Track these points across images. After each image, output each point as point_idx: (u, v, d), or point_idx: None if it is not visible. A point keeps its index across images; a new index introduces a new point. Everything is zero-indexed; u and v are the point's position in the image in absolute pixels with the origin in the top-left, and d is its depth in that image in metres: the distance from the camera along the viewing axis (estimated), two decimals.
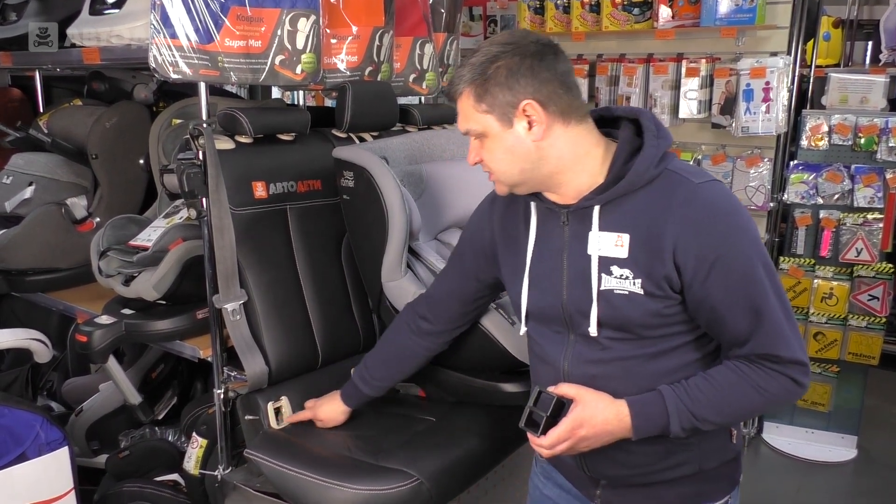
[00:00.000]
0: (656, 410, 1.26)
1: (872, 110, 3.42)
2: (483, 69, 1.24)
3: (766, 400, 1.26)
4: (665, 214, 1.21)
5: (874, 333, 3.36)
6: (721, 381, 1.26)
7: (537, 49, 1.23)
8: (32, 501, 1.85)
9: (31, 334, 2.12)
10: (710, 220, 1.20)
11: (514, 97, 1.23)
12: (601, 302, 1.27)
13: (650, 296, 1.24)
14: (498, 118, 1.25)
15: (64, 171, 2.53)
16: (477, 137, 1.30)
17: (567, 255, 1.32)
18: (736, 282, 1.20)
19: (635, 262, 1.24)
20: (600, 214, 1.27)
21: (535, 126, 1.24)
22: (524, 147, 1.26)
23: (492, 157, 1.30)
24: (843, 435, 3.55)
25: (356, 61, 2.12)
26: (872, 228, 3.27)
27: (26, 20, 2.31)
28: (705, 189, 1.22)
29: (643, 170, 1.23)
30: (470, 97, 1.26)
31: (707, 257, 1.19)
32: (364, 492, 1.55)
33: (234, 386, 1.86)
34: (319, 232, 1.99)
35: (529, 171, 1.29)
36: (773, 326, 1.22)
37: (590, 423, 1.26)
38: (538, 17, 3.82)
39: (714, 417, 1.26)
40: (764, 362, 1.24)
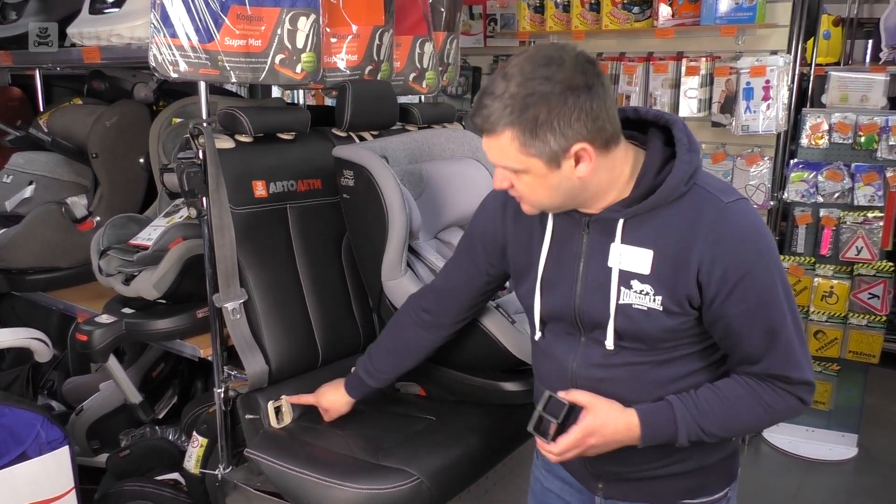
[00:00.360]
0: (665, 422, 1.26)
1: (872, 109, 3.42)
2: (532, 112, 1.13)
3: (772, 417, 1.28)
4: (692, 233, 1.20)
5: (874, 332, 3.36)
6: (730, 396, 1.26)
7: (585, 81, 1.13)
8: (33, 500, 1.85)
9: (32, 333, 2.12)
10: (737, 241, 1.19)
11: (566, 142, 1.15)
12: (619, 315, 1.26)
13: (668, 313, 1.23)
14: (546, 161, 1.17)
15: (64, 170, 2.53)
16: (512, 171, 1.23)
17: (584, 263, 1.30)
18: (756, 303, 1.20)
19: (658, 278, 1.22)
20: (624, 227, 1.25)
21: (583, 164, 1.18)
22: (569, 183, 1.21)
23: (531, 190, 1.23)
24: (843, 433, 3.55)
25: (356, 60, 2.12)
26: (872, 227, 3.27)
27: (26, 19, 2.31)
28: (734, 209, 1.20)
29: (674, 185, 1.21)
30: (514, 141, 1.16)
31: (730, 278, 1.19)
32: (364, 491, 1.55)
33: (235, 385, 1.86)
34: (319, 231, 1.99)
35: (570, 199, 1.25)
36: (787, 348, 1.23)
37: (600, 432, 1.27)
38: (538, 16, 3.82)
39: (720, 431, 1.27)
40: (775, 381, 1.25)
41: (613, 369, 1.31)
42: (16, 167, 2.52)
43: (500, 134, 1.17)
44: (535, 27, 3.83)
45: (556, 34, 3.79)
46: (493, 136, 1.18)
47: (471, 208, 2.15)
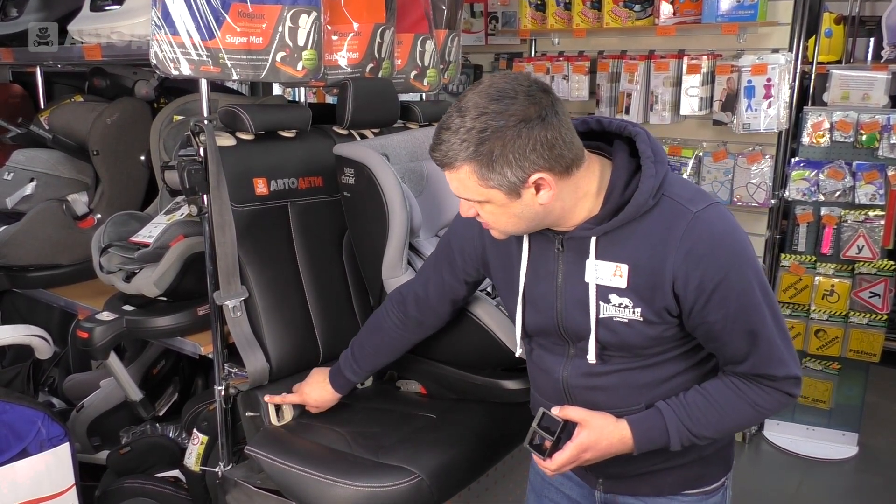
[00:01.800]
0: (657, 431, 1.29)
1: (874, 107, 3.41)
2: (488, 146, 1.14)
3: (760, 414, 1.30)
4: (665, 246, 1.20)
5: (875, 330, 3.36)
6: (718, 399, 1.28)
7: (539, 112, 1.14)
8: (34, 497, 1.85)
9: (33, 331, 2.12)
10: (710, 250, 1.19)
11: (524, 173, 1.16)
12: (600, 328, 1.28)
13: (649, 323, 1.25)
14: (505, 192, 1.19)
15: (65, 167, 2.53)
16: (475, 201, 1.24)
17: (563, 279, 1.32)
18: (734, 308, 1.21)
19: (635, 291, 1.24)
20: (597, 243, 1.26)
21: (543, 192, 1.19)
22: (531, 211, 1.22)
23: (494, 219, 1.26)
24: (843, 432, 3.55)
25: (357, 58, 2.12)
26: (874, 225, 3.27)
27: (27, 16, 2.31)
28: (703, 217, 1.21)
29: (642, 201, 1.21)
30: (472, 175, 1.18)
31: (707, 287, 1.20)
32: (365, 489, 1.55)
33: (235, 382, 1.86)
34: (320, 229, 1.99)
35: (537, 223, 1.26)
36: (769, 347, 1.24)
37: (594, 447, 1.29)
38: (539, 14, 3.81)
39: (711, 433, 1.30)
40: (761, 380, 1.27)
41: (603, 377, 1.33)
42: (17, 164, 2.52)
43: (458, 168, 1.18)
44: (536, 25, 3.83)
45: (557, 32, 3.79)
46: (453, 170, 1.19)
47: None
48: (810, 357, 3.52)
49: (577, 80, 3.75)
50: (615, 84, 3.67)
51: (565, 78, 3.78)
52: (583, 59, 3.73)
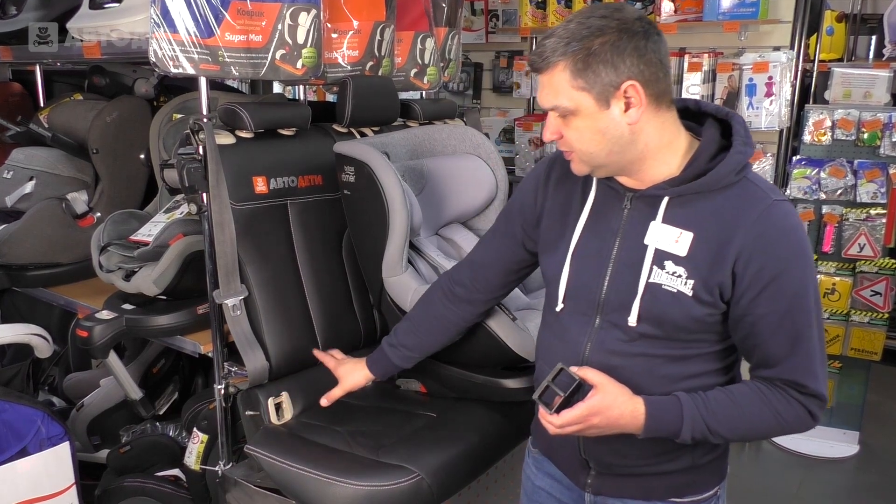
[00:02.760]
0: (671, 416, 1.24)
1: (876, 105, 3.41)
2: (586, 43, 1.15)
3: (780, 426, 1.26)
4: (737, 223, 1.19)
5: (877, 329, 3.35)
6: (740, 400, 1.25)
7: (643, 28, 1.17)
8: (34, 497, 1.85)
9: (32, 329, 2.12)
10: (778, 239, 1.19)
11: (617, 77, 1.16)
12: (646, 294, 1.25)
13: (697, 300, 1.22)
14: (595, 97, 1.18)
15: (64, 165, 2.52)
16: (562, 115, 1.22)
17: (620, 239, 1.29)
18: (785, 305, 1.20)
19: (693, 262, 1.21)
20: (667, 206, 1.24)
21: (633, 109, 1.19)
22: (618, 129, 1.20)
23: (579, 136, 1.22)
24: (845, 431, 3.54)
25: (357, 56, 2.11)
26: (875, 224, 3.26)
27: (26, 14, 2.30)
28: (780, 207, 1.21)
29: (725, 173, 1.21)
30: (566, 71, 1.17)
31: (765, 275, 1.18)
32: (364, 488, 1.55)
33: (235, 381, 1.86)
34: (320, 227, 1.98)
35: (616, 153, 1.23)
36: (808, 356, 1.22)
37: (605, 413, 1.24)
38: (540, 12, 3.81)
39: (726, 433, 1.26)
40: (788, 389, 1.24)
41: (628, 359, 1.29)
42: (16, 163, 2.52)
43: (553, 67, 1.18)
44: (536, 23, 3.82)
45: None
46: (546, 71, 1.19)
47: (472, 204, 2.16)
48: None
49: None
50: None
51: None
52: None
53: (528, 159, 3.93)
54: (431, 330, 1.66)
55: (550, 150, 3.85)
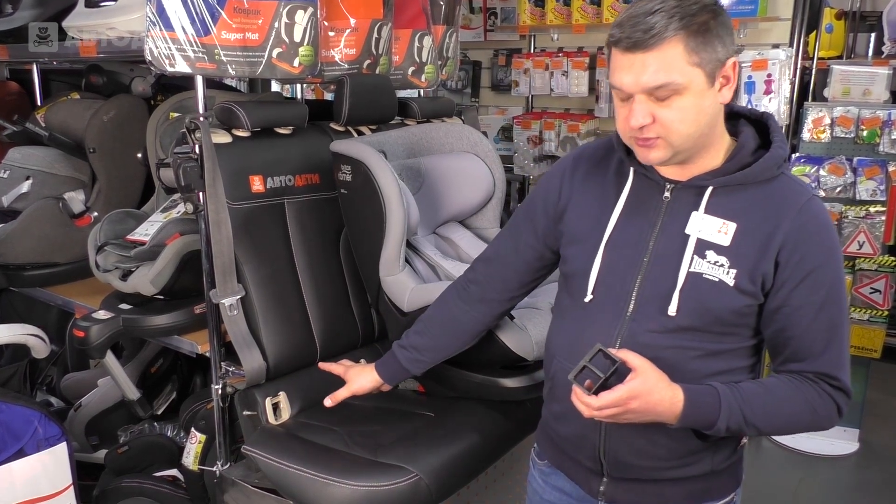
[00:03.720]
0: (709, 404, 1.22)
1: (875, 102, 3.40)
2: (702, 18, 1.14)
3: (814, 420, 1.26)
4: (780, 213, 1.21)
5: (876, 327, 3.35)
6: (777, 392, 1.24)
7: (717, 7, 1.18)
8: (31, 497, 1.84)
9: (29, 330, 2.11)
10: (819, 231, 1.22)
11: (727, 53, 1.17)
12: (687, 284, 1.23)
13: (739, 289, 1.21)
14: (707, 74, 1.16)
15: (61, 165, 2.52)
16: (663, 96, 1.16)
17: (659, 231, 1.27)
18: (823, 296, 1.22)
19: (737, 252, 1.22)
20: (710, 197, 1.24)
21: (726, 88, 1.20)
22: (714, 108, 1.20)
23: (681, 116, 1.17)
24: (844, 428, 3.53)
25: (354, 54, 2.10)
26: (874, 221, 3.25)
27: (22, 12, 2.29)
28: (817, 203, 1.24)
29: (769, 166, 1.23)
30: (680, 45, 1.13)
31: (806, 266, 1.20)
32: (362, 488, 1.55)
33: (233, 381, 1.85)
34: (317, 226, 1.97)
35: (705, 136, 1.22)
36: (841, 348, 1.24)
37: (645, 397, 1.19)
38: (538, 10, 3.80)
39: (762, 424, 1.25)
40: (822, 382, 1.24)
41: (660, 350, 1.25)
42: (13, 162, 2.51)
43: (666, 43, 1.13)
44: (535, 21, 3.81)
45: (557, 28, 3.77)
46: (657, 48, 1.14)
47: (470, 203, 2.15)
48: None
49: (577, 75, 3.74)
50: None
51: (564, 74, 3.77)
52: (582, 55, 3.73)
53: (526, 157, 3.92)
54: (443, 332, 1.60)
55: (548, 149, 3.84)
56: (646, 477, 1.35)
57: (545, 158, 3.95)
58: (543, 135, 3.85)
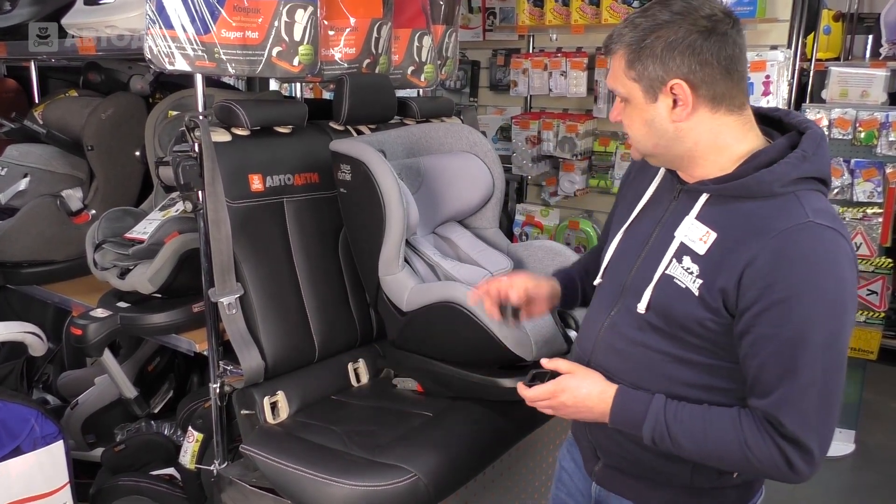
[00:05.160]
0: (637, 409, 1.24)
1: (873, 104, 3.40)
2: (642, 35, 1.17)
3: (747, 459, 1.18)
4: (762, 231, 1.14)
5: (873, 328, 3.35)
6: (713, 418, 1.20)
7: (707, 25, 1.15)
8: (27, 496, 1.84)
9: (26, 327, 2.11)
10: (799, 261, 1.11)
11: (664, 73, 1.17)
12: (659, 284, 1.24)
13: (702, 301, 1.18)
14: (643, 90, 1.20)
15: (59, 162, 2.51)
16: (622, 100, 1.26)
17: (659, 229, 1.30)
18: (789, 333, 1.11)
19: (707, 262, 1.18)
20: (706, 204, 1.23)
21: (679, 108, 1.18)
22: (662, 125, 1.21)
23: (630, 122, 1.26)
24: (841, 430, 3.54)
25: (354, 53, 2.10)
26: (872, 223, 3.26)
27: (21, 10, 2.29)
28: (815, 230, 1.12)
29: (766, 180, 1.16)
30: (622, 60, 1.21)
31: (774, 294, 1.11)
32: (360, 488, 1.54)
33: (231, 380, 1.85)
34: (316, 225, 1.97)
35: (663, 147, 1.24)
36: (797, 397, 1.13)
37: (571, 392, 1.30)
38: (537, 10, 3.80)
39: (688, 445, 1.21)
40: (766, 424, 1.16)
41: (632, 346, 1.29)
42: (10, 159, 2.51)
43: (613, 53, 1.22)
44: (534, 21, 3.81)
45: (556, 28, 3.77)
46: (611, 56, 1.23)
47: (469, 203, 2.15)
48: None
49: (575, 76, 3.74)
50: None
51: (563, 74, 3.77)
52: (581, 56, 3.72)
53: (524, 157, 3.92)
54: None
55: (547, 150, 3.83)
56: (627, 471, 1.38)
57: (543, 158, 3.94)
58: (542, 135, 3.84)
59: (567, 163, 3.83)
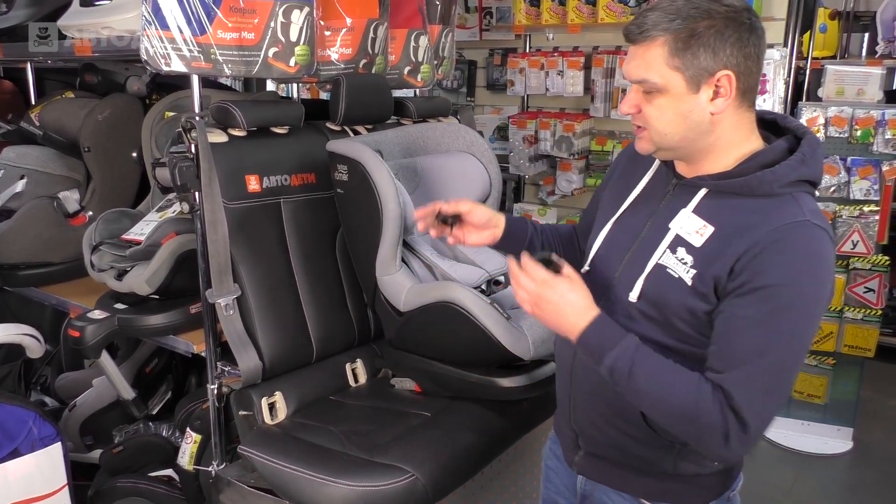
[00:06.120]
0: (611, 335, 1.23)
1: (869, 102, 3.41)
2: (691, 23, 1.15)
3: (691, 418, 1.18)
4: (759, 226, 1.16)
5: (870, 326, 3.36)
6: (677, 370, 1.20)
7: (749, 20, 1.16)
8: (25, 498, 1.84)
9: (23, 329, 2.11)
10: (790, 253, 1.14)
11: (714, 64, 1.16)
12: (652, 274, 1.26)
13: (694, 290, 1.20)
14: (687, 79, 1.17)
15: (56, 164, 2.51)
16: (646, 90, 1.21)
17: (651, 221, 1.31)
18: (763, 314, 1.14)
19: (703, 254, 1.20)
20: (703, 198, 1.24)
21: (720, 98, 1.18)
22: (699, 116, 1.20)
23: (659, 115, 1.21)
24: (838, 427, 3.55)
25: (350, 53, 2.10)
26: (868, 221, 3.26)
27: (17, 11, 2.29)
28: (811, 229, 1.16)
29: (768, 181, 1.18)
30: (664, 47, 1.16)
31: (760, 280, 1.14)
32: (359, 488, 1.55)
33: (228, 381, 1.85)
34: (314, 226, 1.97)
35: (690, 140, 1.23)
36: (753, 378, 1.16)
37: (560, 292, 1.25)
38: (533, 9, 3.80)
39: (644, 386, 1.20)
40: (720, 393, 1.17)
41: None
42: (7, 161, 2.51)
43: (651, 40, 1.17)
44: (530, 20, 3.82)
45: (552, 27, 3.78)
46: (643, 43, 1.18)
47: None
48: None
49: (572, 75, 3.74)
50: (610, 80, 3.67)
51: (560, 73, 3.77)
52: (578, 55, 3.73)
53: (521, 157, 3.92)
54: None
55: (544, 149, 3.84)
56: (609, 458, 1.40)
57: (541, 158, 3.95)
58: (539, 134, 3.85)
59: (564, 162, 3.83)
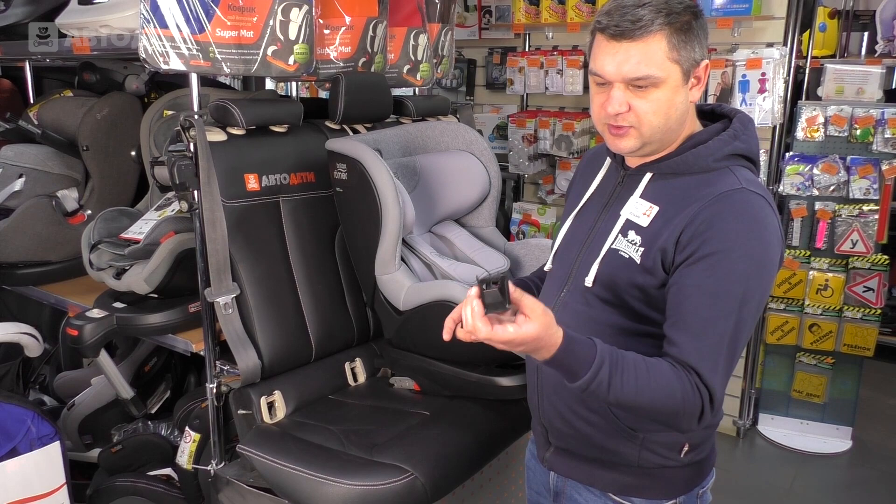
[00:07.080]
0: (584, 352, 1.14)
1: (868, 101, 3.41)
2: (685, 17, 1.20)
3: (678, 411, 1.18)
4: (699, 198, 1.22)
5: (869, 325, 3.36)
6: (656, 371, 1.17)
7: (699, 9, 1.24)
8: (24, 496, 1.84)
9: (22, 328, 2.10)
10: (733, 219, 1.19)
11: (701, 55, 1.23)
12: (605, 258, 1.30)
13: (643, 267, 1.25)
14: (683, 72, 1.22)
15: (54, 162, 2.50)
16: (642, 86, 1.21)
17: (604, 212, 1.36)
18: (713, 284, 1.18)
19: (649, 232, 1.26)
20: (649, 182, 1.30)
21: (696, 88, 1.26)
22: (683, 106, 1.26)
23: (654, 108, 1.23)
24: (838, 426, 3.56)
25: (349, 52, 2.10)
26: (868, 220, 3.26)
27: (15, 9, 2.28)
28: (748, 196, 1.22)
29: (702, 155, 1.26)
30: (664, 41, 1.19)
31: (706, 248, 1.19)
32: (358, 487, 1.54)
33: (227, 380, 1.85)
34: (313, 225, 1.97)
35: (671, 131, 1.27)
36: (712, 348, 1.18)
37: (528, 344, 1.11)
38: (533, 8, 3.80)
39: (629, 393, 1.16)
40: (690, 373, 1.18)
41: (583, 322, 1.32)
42: (5, 160, 2.50)
43: (651, 36, 1.19)
44: (529, 19, 3.81)
45: (552, 26, 3.77)
46: (642, 40, 1.19)
47: (465, 201, 2.15)
48: (804, 352, 3.52)
49: (572, 74, 3.74)
50: None
51: (559, 72, 3.76)
52: (577, 54, 3.72)
53: (521, 156, 3.92)
54: None
55: (543, 148, 3.83)
56: (577, 451, 1.41)
57: (540, 157, 3.94)
58: (538, 133, 3.84)
59: (563, 161, 3.83)
